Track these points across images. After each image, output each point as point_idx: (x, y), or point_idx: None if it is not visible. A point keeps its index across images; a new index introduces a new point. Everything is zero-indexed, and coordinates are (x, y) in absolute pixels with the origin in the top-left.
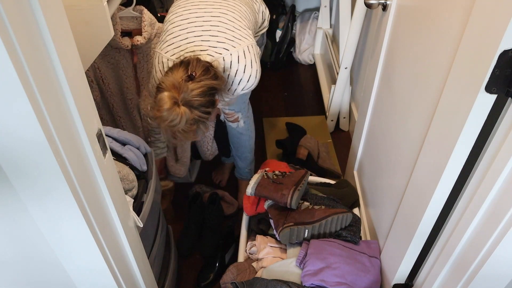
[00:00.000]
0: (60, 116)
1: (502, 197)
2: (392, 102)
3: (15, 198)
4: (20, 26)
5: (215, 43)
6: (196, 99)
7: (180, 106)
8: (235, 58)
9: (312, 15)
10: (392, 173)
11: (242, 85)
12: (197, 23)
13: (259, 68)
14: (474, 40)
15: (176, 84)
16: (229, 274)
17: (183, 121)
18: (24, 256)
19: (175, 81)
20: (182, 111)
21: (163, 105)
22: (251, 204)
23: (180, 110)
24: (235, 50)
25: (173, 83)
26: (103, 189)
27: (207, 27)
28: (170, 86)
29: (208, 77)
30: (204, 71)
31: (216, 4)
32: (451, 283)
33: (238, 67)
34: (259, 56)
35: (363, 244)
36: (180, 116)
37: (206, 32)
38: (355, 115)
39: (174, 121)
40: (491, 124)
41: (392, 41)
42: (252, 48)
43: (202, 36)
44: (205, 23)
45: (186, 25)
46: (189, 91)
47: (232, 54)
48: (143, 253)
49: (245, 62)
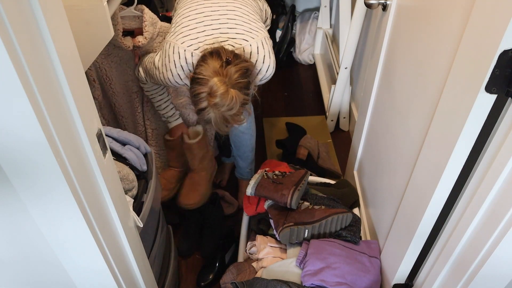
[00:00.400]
0: (60, 116)
1: (502, 197)
2: (392, 102)
3: (15, 198)
4: (20, 26)
5: (234, 35)
6: (239, 80)
7: (230, 89)
8: (254, 48)
9: (312, 15)
10: (392, 173)
11: (261, 75)
12: (213, 16)
13: (275, 59)
14: (474, 40)
15: (218, 70)
16: (229, 274)
17: (238, 103)
18: (24, 256)
19: (216, 68)
20: (234, 93)
21: (217, 90)
22: (251, 204)
23: (232, 92)
24: (254, 41)
25: (215, 71)
26: (103, 189)
27: (223, 19)
28: (214, 73)
29: (241, 59)
30: (235, 55)
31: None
32: (451, 283)
33: (258, 58)
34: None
35: (363, 244)
36: (234, 98)
37: (223, 24)
38: (355, 115)
39: (230, 105)
40: (491, 124)
41: (392, 41)
42: (269, 40)
43: (220, 29)
44: (221, 16)
45: (202, 18)
46: (232, 74)
47: (252, 44)
48: (143, 253)
49: (264, 52)
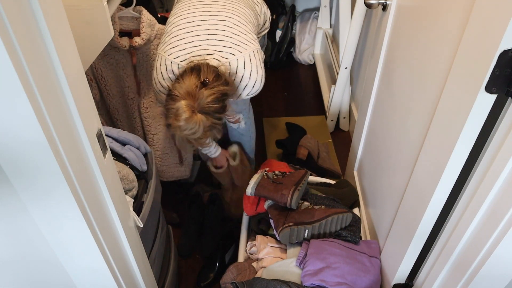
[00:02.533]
0: (60, 116)
1: (502, 197)
2: (392, 102)
3: (15, 198)
4: (20, 26)
5: (221, 48)
6: (210, 105)
7: (196, 114)
8: (241, 63)
9: (312, 15)
10: (392, 173)
11: (248, 90)
12: (203, 26)
13: (264, 73)
14: (474, 40)
15: (191, 91)
16: (229, 274)
17: (201, 128)
18: (24, 256)
19: (190, 88)
20: (199, 118)
21: (181, 114)
22: (251, 204)
23: (197, 117)
24: (241, 55)
25: (187, 91)
26: (103, 189)
27: (213, 30)
28: (185, 94)
29: (220, 83)
30: (216, 77)
31: (221, 7)
32: (451, 283)
33: (244, 73)
34: (263, 61)
35: (363, 244)
36: (198, 124)
37: (212, 36)
38: (355, 115)
39: (193, 129)
40: (491, 124)
41: (392, 41)
42: (258, 54)
43: (208, 40)
44: (211, 27)
45: (191, 27)
46: (204, 98)
47: (239, 59)
48: (143, 253)
49: (251, 67)
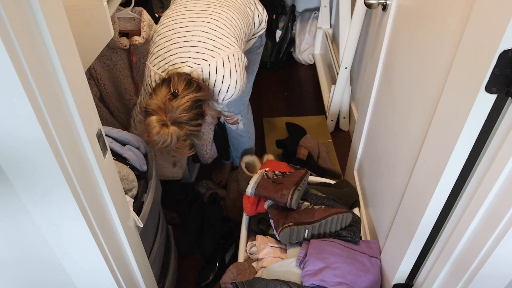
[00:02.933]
0: (60, 116)
1: (502, 197)
2: (392, 102)
3: (15, 198)
4: (20, 26)
5: (194, 54)
6: (183, 115)
7: (169, 126)
8: (213, 68)
9: (312, 15)
10: (392, 173)
11: (222, 95)
12: (181, 33)
13: (241, 77)
14: (474, 40)
15: (161, 105)
16: (229, 274)
17: (174, 139)
18: (24, 256)
19: (160, 102)
20: (171, 130)
21: (152, 129)
22: (251, 204)
23: (169, 130)
24: (213, 60)
25: (158, 106)
26: (103, 189)
27: (189, 37)
28: (156, 108)
29: (191, 90)
30: (187, 85)
31: (201, 13)
32: (451, 283)
33: (217, 78)
34: (243, 64)
35: (363, 244)
36: (170, 136)
37: (187, 42)
38: (355, 115)
39: (166, 142)
40: (491, 124)
41: (392, 41)
42: (233, 57)
43: (184, 47)
44: (187, 33)
45: (170, 36)
46: (174, 109)
47: (211, 64)
48: (143, 253)
49: (223, 72)
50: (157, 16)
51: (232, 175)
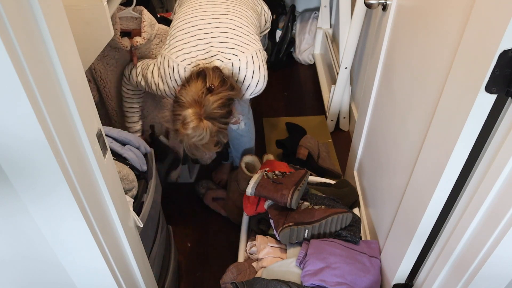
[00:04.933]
0: (60, 116)
1: (502, 197)
2: (392, 102)
3: (15, 198)
4: (20, 26)
5: (224, 49)
6: (216, 111)
7: (203, 120)
8: (243, 63)
9: (312, 15)
10: (392, 173)
11: (251, 90)
12: (206, 29)
13: (267, 73)
14: (474, 40)
15: (197, 98)
16: (229, 274)
17: (208, 135)
18: (24, 256)
19: (196, 95)
20: (206, 125)
21: (189, 123)
22: (251, 204)
23: (204, 124)
24: (243, 56)
25: (194, 98)
26: (103, 189)
27: (216, 33)
28: (192, 101)
29: (225, 88)
30: (221, 82)
31: (223, 10)
32: (451, 283)
33: (247, 73)
34: (266, 60)
35: (363, 244)
36: (205, 130)
37: (215, 38)
38: (355, 115)
39: (200, 136)
40: (491, 124)
41: (392, 41)
42: (260, 54)
43: (212, 43)
44: (214, 30)
45: (195, 31)
46: (210, 104)
47: (241, 59)
48: (143, 253)
49: (254, 67)
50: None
51: (232, 175)
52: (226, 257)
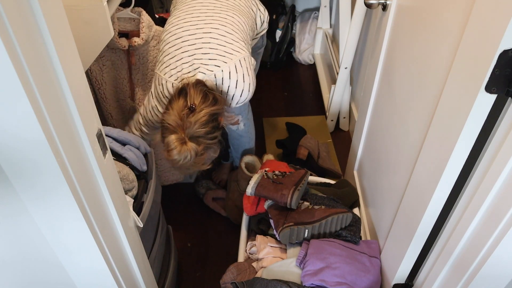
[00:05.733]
0: (60, 116)
1: (502, 197)
2: (392, 102)
3: (15, 199)
4: (20, 26)
5: (206, 61)
6: (200, 130)
7: (187, 142)
8: (226, 74)
9: (312, 15)
10: (392, 173)
11: (236, 100)
12: (190, 41)
13: (253, 81)
14: (474, 40)
15: (179, 121)
16: (229, 274)
17: (193, 155)
18: (24, 256)
19: (177, 119)
20: (190, 147)
21: (172, 150)
22: (251, 204)
23: (188, 146)
24: (226, 66)
25: (175, 122)
26: (103, 189)
27: (199, 45)
28: (174, 125)
29: (208, 103)
30: (203, 97)
31: (208, 19)
32: (451, 283)
33: (230, 83)
34: (253, 67)
35: (363, 244)
36: (189, 152)
37: (198, 50)
38: (355, 115)
39: (186, 158)
40: (491, 124)
41: (392, 41)
42: (245, 61)
43: (195, 55)
44: (197, 41)
45: (180, 43)
46: (192, 126)
47: (224, 70)
48: (143, 253)
49: (237, 77)
50: (157, 17)
51: (232, 175)
52: (226, 257)
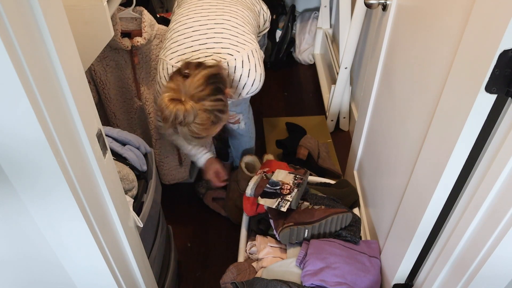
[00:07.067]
0: (60, 116)
1: (502, 197)
2: (392, 102)
3: (15, 198)
4: (20, 26)
5: (219, 49)
6: (198, 90)
7: (183, 102)
8: (239, 63)
9: (312, 15)
10: (392, 173)
11: (247, 89)
12: (201, 30)
13: (263, 72)
14: (474, 40)
15: (174, 86)
16: (229, 274)
17: (189, 114)
18: (24, 256)
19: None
20: (188, 106)
21: (162, 105)
22: (251, 204)
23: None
24: (239, 55)
25: (170, 87)
26: (103, 189)
27: (211, 34)
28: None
29: (202, 67)
30: (197, 65)
31: (219, 11)
32: (451, 283)
33: (242, 72)
34: (262, 60)
35: (363, 244)
36: (183, 110)
37: (210, 39)
38: (355, 115)
39: (178, 117)
40: (491, 124)
41: (392, 41)
42: (256, 53)
43: (207, 44)
44: (209, 31)
45: (190, 33)
46: (187, 87)
47: (236, 59)
48: (143, 253)
49: (249, 66)
50: (158, 17)
51: (232, 175)
52: (226, 257)
